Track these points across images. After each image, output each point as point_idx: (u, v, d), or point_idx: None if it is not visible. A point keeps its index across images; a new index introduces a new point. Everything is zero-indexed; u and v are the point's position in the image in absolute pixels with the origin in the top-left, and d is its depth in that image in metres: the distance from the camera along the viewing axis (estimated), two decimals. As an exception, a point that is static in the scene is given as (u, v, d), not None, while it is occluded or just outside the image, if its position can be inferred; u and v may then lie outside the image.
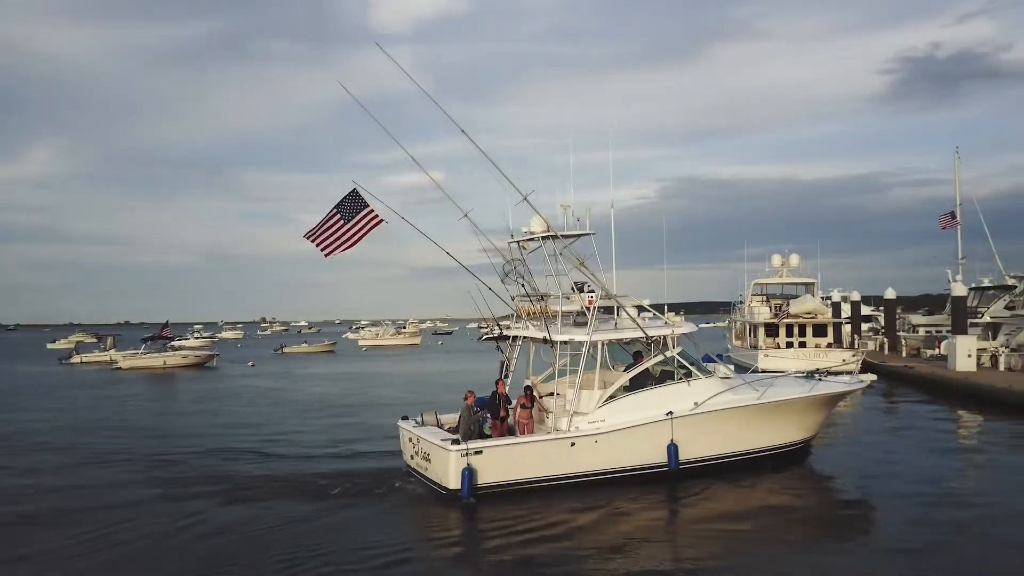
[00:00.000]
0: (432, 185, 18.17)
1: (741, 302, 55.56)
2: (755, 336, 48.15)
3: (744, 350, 49.97)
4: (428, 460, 16.74)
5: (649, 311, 19.40)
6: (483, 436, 16.84)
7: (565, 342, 17.64)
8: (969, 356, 36.58)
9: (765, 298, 51.86)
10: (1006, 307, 46.73)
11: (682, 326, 18.69)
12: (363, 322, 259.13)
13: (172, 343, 66.87)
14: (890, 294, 54.58)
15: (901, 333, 54.60)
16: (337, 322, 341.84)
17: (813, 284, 50.49)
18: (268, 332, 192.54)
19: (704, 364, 18.59)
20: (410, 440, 17.81)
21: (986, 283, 54.62)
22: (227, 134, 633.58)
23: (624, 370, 18.26)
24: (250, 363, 67.79)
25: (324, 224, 17.58)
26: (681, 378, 17.75)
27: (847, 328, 54.53)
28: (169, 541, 13.37)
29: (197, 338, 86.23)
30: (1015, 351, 39.76)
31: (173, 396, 41.53)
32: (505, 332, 19.46)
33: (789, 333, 46.94)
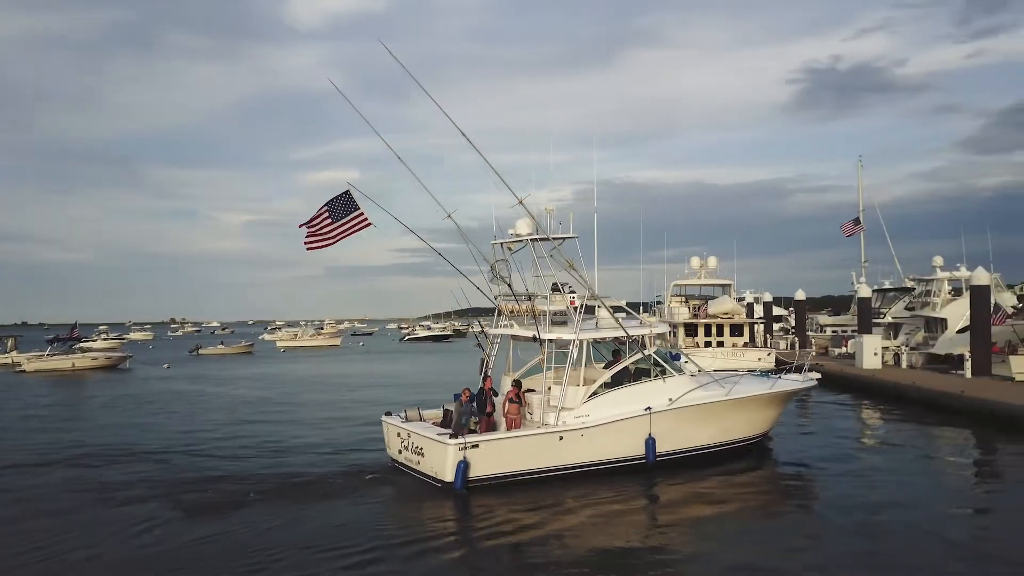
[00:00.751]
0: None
1: (659, 302, 56.91)
2: (675, 336, 49.42)
3: (663, 350, 51.22)
4: (421, 454, 17.18)
5: (624, 311, 20.32)
6: (470, 431, 17.33)
7: (552, 340, 18.38)
8: (875, 354, 38.56)
9: (684, 299, 53.34)
10: (906, 308, 49.32)
11: (658, 326, 20.10)
12: (278, 323, 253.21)
13: (80, 344, 64.03)
14: (800, 295, 56.90)
15: (810, 333, 57.02)
16: (251, 323, 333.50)
17: (729, 285, 52.24)
18: (179, 333, 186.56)
19: (675, 362, 19.63)
20: (398, 435, 18.16)
21: (887, 285, 57.56)
22: (135, 128, 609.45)
23: (604, 367, 19.09)
24: (165, 365, 65.51)
25: (313, 221, 18.05)
26: (657, 375, 18.79)
27: (759, 328, 56.54)
28: (142, 550, 12.86)
29: (104, 339, 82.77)
30: (914, 350, 42.11)
31: (89, 400, 39.71)
32: (486, 331, 20.29)
33: (707, 333, 48.42)
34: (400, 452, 18.15)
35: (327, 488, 16.84)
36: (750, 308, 56.99)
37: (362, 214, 18.11)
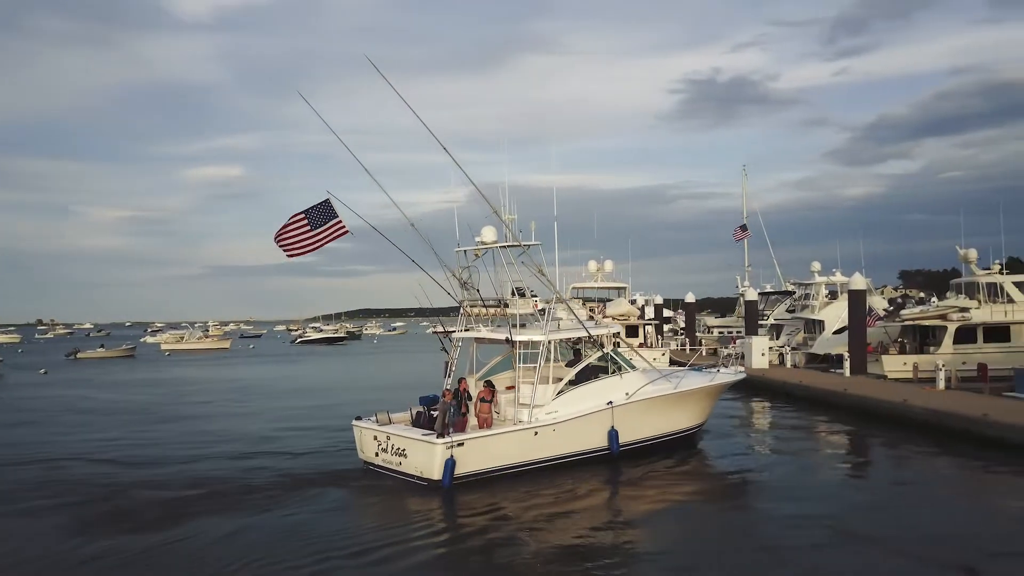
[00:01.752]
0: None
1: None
2: (574, 338, 50.48)
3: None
4: (403, 455, 17.61)
5: (575, 314, 21.56)
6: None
7: (523, 341, 19.22)
8: (763, 355, 40.63)
9: (582, 301, 54.48)
10: (787, 310, 52.24)
11: (613, 327, 21.65)
12: (158, 324, 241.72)
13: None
14: (690, 298, 59.21)
15: (698, 334, 59.44)
16: (128, 324, 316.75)
17: (625, 288, 53.73)
18: (50, 335, 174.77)
19: (628, 359, 20.94)
20: (375, 438, 18.42)
21: (768, 288, 60.75)
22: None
23: (567, 365, 20.21)
24: (42, 370, 61.51)
25: (288, 227, 18.59)
26: (614, 372, 19.98)
27: (651, 329, 58.44)
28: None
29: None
30: (796, 350, 44.69)
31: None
32: (450, 334, 21.13)
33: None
34: (377, 455, 18.40)
35: (314, 491, 16.91)
36: (642, 310, 58.85)
37: (340, 221, 18.65)
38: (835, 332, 43.99)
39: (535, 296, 20.30)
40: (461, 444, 17.10)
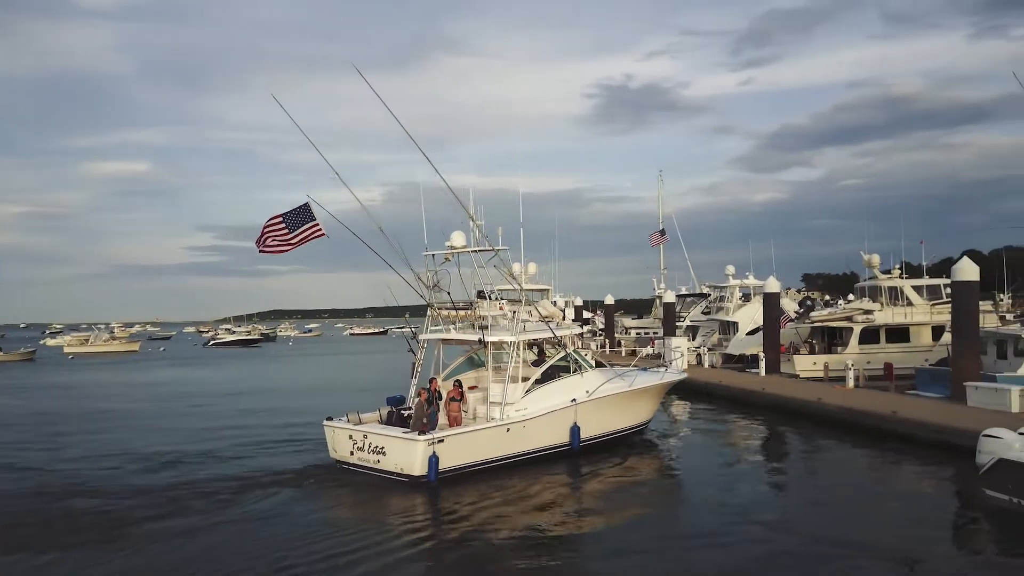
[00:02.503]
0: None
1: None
2: (499, 339, 50.78)
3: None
4: (382, 453, 17.99)
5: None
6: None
7: (494, 342, 19.97)
8: (682, 355, 41.78)
9: (505, 303, 54.87)
10: (703, 312, 53.87)
11: (574, 328, 22.81)
12: (57, 326, 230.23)
13: None
14: (609, 299, 60.41)
15: (617, 335, 60.66)
16: (23, 326, 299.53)
17: (548, 290, 54.34)
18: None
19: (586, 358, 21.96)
20: (350, 437, 18.68)
21: (684, 291, 62.50)
22: None
23: (532, 364, 21.18)
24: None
25: (266, 228, 19.15)
26: (575, 371, 20.86)
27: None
28: None
29: None
30: (711, 350, 46.21)
31: None
32: (417, 336, 21.79)
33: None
34: (352, 453, 18.65)
35: (283, 490, 17.17)
36: (563, 312, 59.66)
37: (317, 224, 19.21)
38: (748, 333, 45.66)
39: (501, 299, 21.19)
40: (442, 441, 17.61)
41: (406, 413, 19.50)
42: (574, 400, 20.26)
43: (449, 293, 20.93)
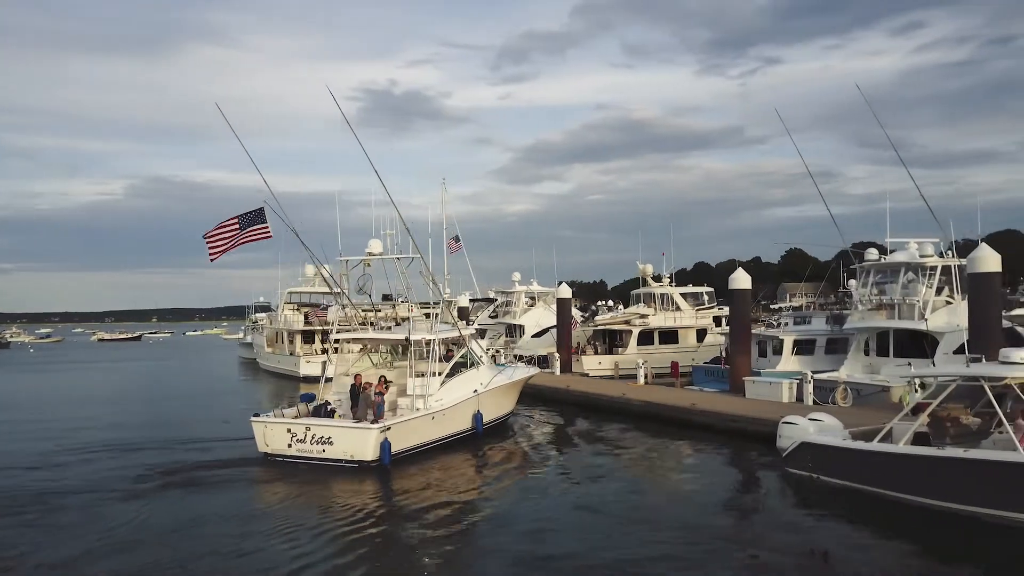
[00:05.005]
0: None
1: (270, 309, 55.69)
2: (292, 343, 48.99)
3: (280, 356, 50.39)
4: (328, 443, 19.33)
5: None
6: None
7: (416, 340, 21.77)
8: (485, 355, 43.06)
9: (296, 306, 53.02)
10: (490, 316, 55.78)
11: (471, 328, 27.17)
12: None
13: None
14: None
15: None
16: None
17: (340, 293, 53.27)
18: None
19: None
20: (288, 431, 19.80)
21: (468, 295, 64.16)
22: None
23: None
24: None
25: (220, 228, 20.80)
26: (472, 365, 23.59)
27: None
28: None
29: None
30: (499, 352, 47.96)
31: None
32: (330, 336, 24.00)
33: (324, 339, 48.87)
34: (291, 446, 19.75)
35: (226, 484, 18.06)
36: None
37: (266, 227, 21.12)
38: (534, 335, 48.15)
39: (405, 301, 24.27)
40: (389, 428, 19.35)
41: (332, 407, 21.01)
42: (476, 391, 22.85)
43: (371, 295, 23.27)
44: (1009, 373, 14.04)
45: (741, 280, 30.05)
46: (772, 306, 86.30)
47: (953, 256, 27.42)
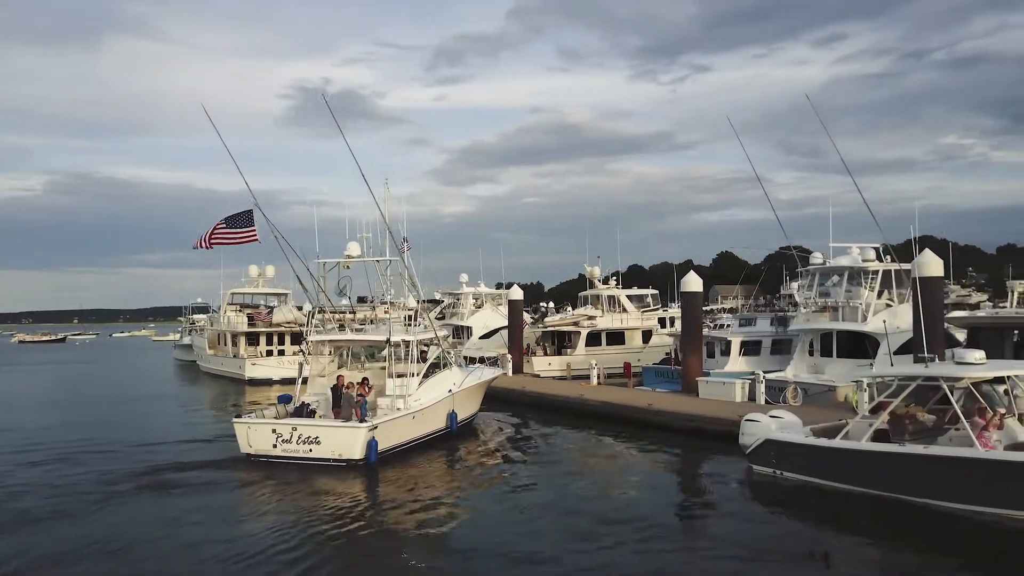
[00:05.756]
0: None
1: (208, 310, 54.17)
2: (236, 345, 47.74)
3: (223, 358, 49.03)
4: (315, 442, 19.51)
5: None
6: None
7: (396, 342, 22.11)
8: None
9: (239, 307, 51.69)
10: (437, 317, 55.44)
11: (441, 331, 26.77)
12: None
13: None
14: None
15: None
16: None
17: (287, 294, 52.23)
18: None
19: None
20: (273, 431, 19.89)
21: (413, 297, 63.60)
22: None
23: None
24: None
25: (212, 229, 22.20)
26: (444, 366, 24.23)
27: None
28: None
29: None
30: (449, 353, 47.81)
31: None
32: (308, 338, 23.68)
33: (269, 341, 47.85)
34: (275, 446, 19.83)
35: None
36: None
37: (254, 231, 22.80)
38: (482, 337, 48.13)
39: (384, 302, 24.75)
40: (376, 427, 19.65)
41: (312, 407, 21.26)
42: (450, 391, 23.33)
43: (350, 298, 23.64)
44: (966, 373, 14.75)
45: (693, 283, 30.69)
46: (704, 308, 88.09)
47: (893, 260, 28.57)
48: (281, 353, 47.42)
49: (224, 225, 20.73)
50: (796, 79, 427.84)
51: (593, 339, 42.48)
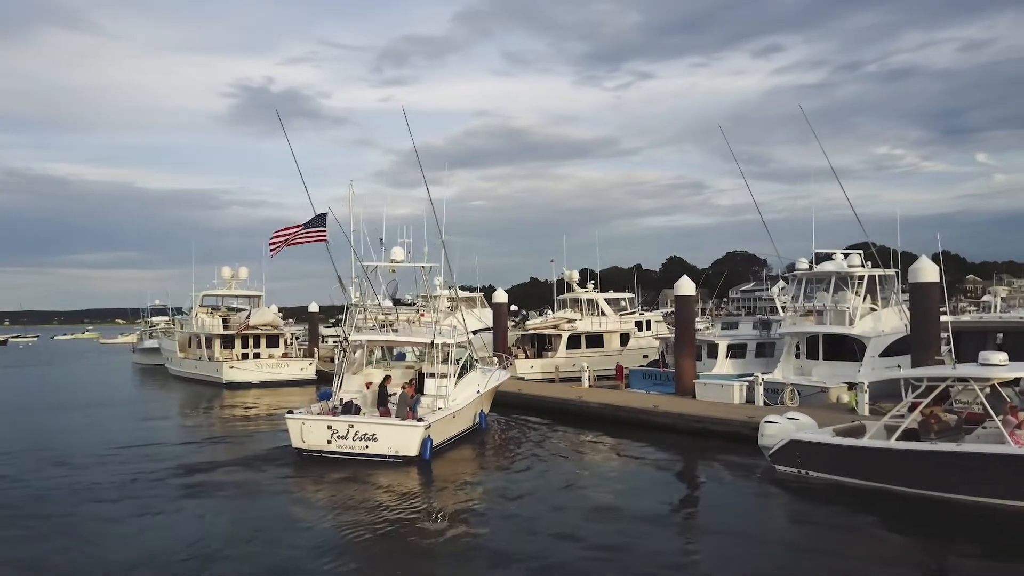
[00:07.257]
0: None
1: (184, 313, 52.64)
2: (210, 348, 46.47)
3: (196, 361, 47.65)
4: (373, 439, 20.02)
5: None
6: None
7: (438, 344, 22.71)
8: (413, 361, 42.47)
9: (210, 310, 50.36)
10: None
11: (469, 333, 26.92)
12: None
13: None
14: (314, 307, 58.55)
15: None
16: None
17: (260, 297, 51.08)
18: None
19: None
20: (329, 427, 20.36)
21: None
22: None
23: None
24: None
25: (286, 229, 23.15)
26: (471, 368, 24.99)
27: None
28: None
29: None
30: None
31: None
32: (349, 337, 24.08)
33: (245, 344, 46.73)
34: (330, 442, 20.26)
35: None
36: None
37: (324, 231, 22.77)
38: (458, 339, 47.89)
39: (413, 304, 26.17)
40: (430, 426, 20.25)
41: (356, 403, 21.75)
42: (478, 391, 24.32)
43: (399, 300, 24.48)
44: (993, 374, 15.39)
45: (686, 287, 31.14)
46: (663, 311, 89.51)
47: (876, 265, 29.54)
48: (257, 356, 46.37)
49: (300, 226, 21.03)
50: (735, 89, 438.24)
51: (573, 342, 42.73)
